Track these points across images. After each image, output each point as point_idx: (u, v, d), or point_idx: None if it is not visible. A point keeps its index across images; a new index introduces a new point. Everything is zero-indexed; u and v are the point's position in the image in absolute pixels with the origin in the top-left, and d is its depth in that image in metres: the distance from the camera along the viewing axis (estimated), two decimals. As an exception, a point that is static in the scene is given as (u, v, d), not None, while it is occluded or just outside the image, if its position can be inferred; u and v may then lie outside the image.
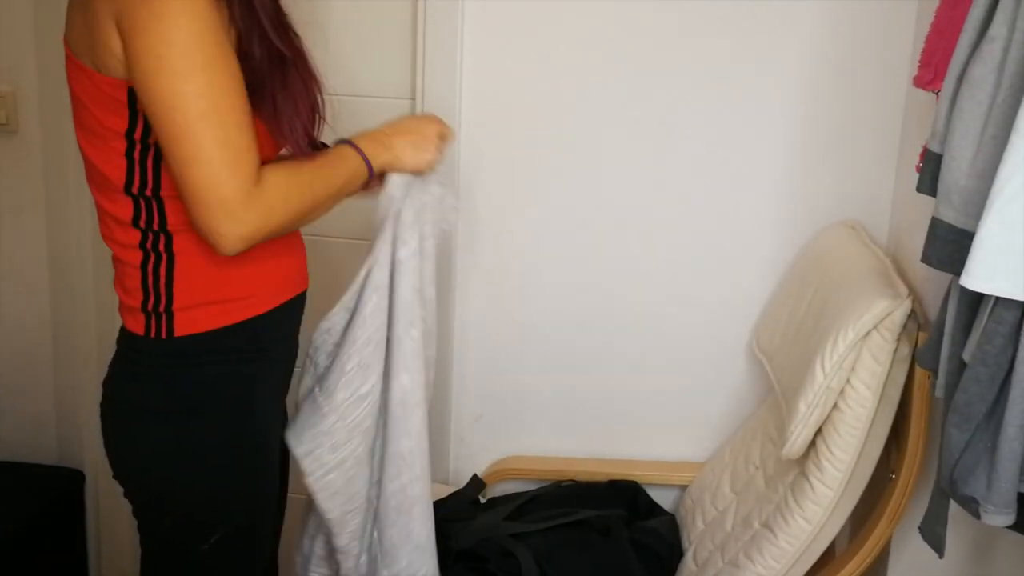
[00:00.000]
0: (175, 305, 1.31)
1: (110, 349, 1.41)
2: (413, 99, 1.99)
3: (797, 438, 1.55)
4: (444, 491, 2.00)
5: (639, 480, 2.00)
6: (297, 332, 1.50)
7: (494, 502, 1.98)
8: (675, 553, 1.85)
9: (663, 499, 2.01)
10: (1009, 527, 1.19)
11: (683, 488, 2.03)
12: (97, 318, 2.20)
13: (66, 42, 1.28)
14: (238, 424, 1.38)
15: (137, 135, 1.25)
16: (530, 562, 1.71)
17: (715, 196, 1.94)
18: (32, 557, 2.17)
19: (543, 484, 2.02)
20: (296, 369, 1.52)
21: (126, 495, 1.41)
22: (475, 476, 2.03)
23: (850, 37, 1.83)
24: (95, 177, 1.32)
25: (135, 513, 1.43)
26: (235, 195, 1.21)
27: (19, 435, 2.31)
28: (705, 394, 2.03)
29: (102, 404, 1.39)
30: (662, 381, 2.04)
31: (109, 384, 1.39)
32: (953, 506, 1.26)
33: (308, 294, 1.50)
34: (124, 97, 1.23)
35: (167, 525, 1.41)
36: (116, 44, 1.19)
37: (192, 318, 1.32)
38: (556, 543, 1.77)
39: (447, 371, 2.10)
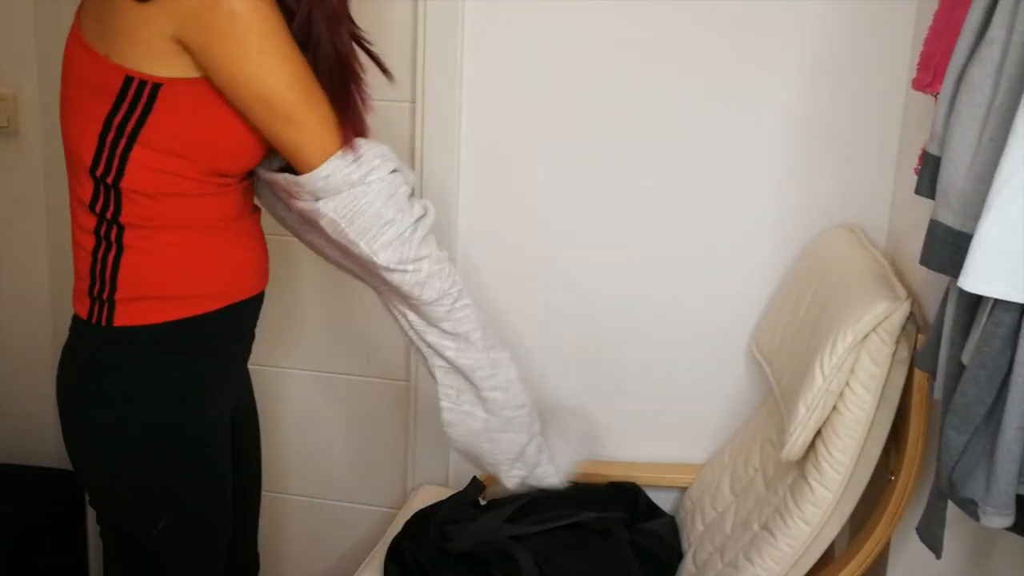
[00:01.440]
0: (117, 295, 1.34)
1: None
2: (413, 102, 1.99)
3: (796, 440, 1.55)
4: (443, 493, 2.01)
5: (639, 482, 2.00)
6: (252, 328, 1.51)
7: (494, 504, 1.97)
8: (675, 555, 1.85)
9: (663, 501, 2.01)
10: (1008, 528, 1.19)
11: (683, 490, 2.03)
12: (97, 320, 2.20)
13: (79, 23, 1.30)
14: (176, 413, 1.38)
15: (116, 121, 1.28)
16: (530, 564, 1.70)
17: (714, 198, 1.94)
18: (32, 559, 2.17)
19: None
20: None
21: (77, 479, 1.43)
22: (475, 478, 2.03)
23: (849, 39, 1.83)
24: (70, 156, 1.35)
25: (89, 500, 1.44)
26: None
27: (19, 437, 2.31)
28: (704, 396, 2.03)
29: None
30: (661, 383, 2.04)
31: (59, 368, 1.41)
32: (952, 507, 1.26)
33: (267, 293, 1.51)
34: (119, 83, 1.26)
35: (111, 510, 1.42)
36: (167, 48, 1.24)
37: (132, 310, 1.34)
38: (556, 545, 1.77)
39: (447, 373, 2.10)
